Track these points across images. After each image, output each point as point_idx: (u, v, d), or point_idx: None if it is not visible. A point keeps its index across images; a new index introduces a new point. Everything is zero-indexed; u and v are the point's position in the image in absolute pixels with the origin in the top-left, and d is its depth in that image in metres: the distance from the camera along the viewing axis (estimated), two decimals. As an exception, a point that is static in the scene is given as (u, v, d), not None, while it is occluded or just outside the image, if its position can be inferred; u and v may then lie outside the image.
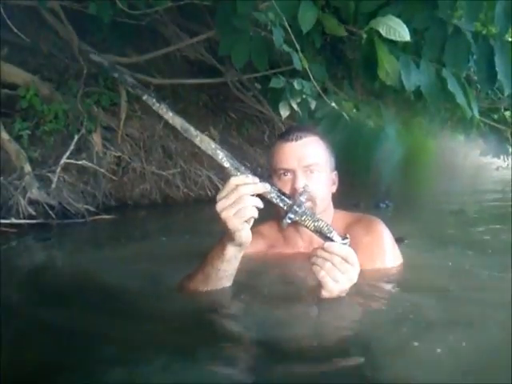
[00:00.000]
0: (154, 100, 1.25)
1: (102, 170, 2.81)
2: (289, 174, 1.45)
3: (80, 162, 2.74)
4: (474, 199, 4.70)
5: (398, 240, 1.89)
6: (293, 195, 1.44)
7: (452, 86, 2.66)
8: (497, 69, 2.59)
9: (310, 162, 1.44)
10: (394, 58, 2.66)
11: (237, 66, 3.34)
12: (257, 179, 1.11)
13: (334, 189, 1.55)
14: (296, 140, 1.46)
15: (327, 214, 1.51)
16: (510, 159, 6.58)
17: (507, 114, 6.04)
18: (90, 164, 2.78)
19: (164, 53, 4.02)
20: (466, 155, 6.82)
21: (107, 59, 3.55)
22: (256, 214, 1.10)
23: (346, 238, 1.15)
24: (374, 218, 1.53)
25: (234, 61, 3.02)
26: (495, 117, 5.35)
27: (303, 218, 1.16)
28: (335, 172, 1.56)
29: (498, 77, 2.66)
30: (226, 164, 1.17)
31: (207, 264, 1.20)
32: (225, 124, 4.45)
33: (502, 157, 6.26)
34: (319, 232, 1.15)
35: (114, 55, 3.65)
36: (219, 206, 1.08)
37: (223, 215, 1.08)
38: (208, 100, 4.55)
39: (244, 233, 1.11)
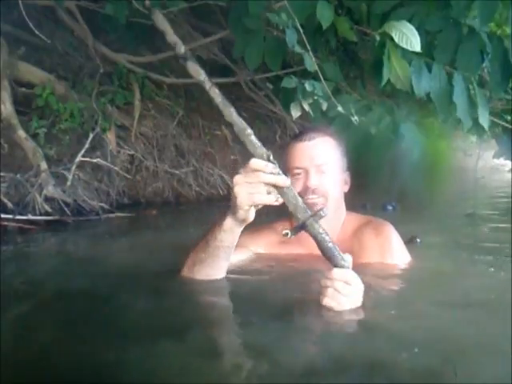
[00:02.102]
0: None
1: (116, 168, 2.86)
2: (302, 172, 1.48)
3: (95, 160, 2.79)
4: (487, 202, 4.67)
5: (411, 239, 1.91)
6: (305, 193, 1.46)
7: (457, 96, 2.64)
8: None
9: (322, 161, 1.48)
10: (406, 62, 2.67)
11: (250, 67, 3.37)
12: (277, 169, 1.08)
13: (346, 188, 1.59)
14: (309, 140, 1.50)
15: (339, 214, 1.55)
16: (522, 161, 6.52)
17: (521, 115, 6.00)
18: (104, 162, 2.83)
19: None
20: (479, 157, 6.75)
21: (120, 58, 3.60)
22: (265, 202, 1.08)
23: (346, 259, 1.12)
24: (383, 221, 1.55)
25: (248, 62, 3.04)
26: (509, 118, 5.32)
27: (318, 235, 1.09)
28: (348, 172, 1.59)
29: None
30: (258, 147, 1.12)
31: (208, 233, 1.23)
32: (237, 123, 4.45)
33: (515, 159, 6.21)
34: (327, 253, 1.11)
35: (128, 54, 3.71)
36: (236, 179, 1.10)
37: (236, 189, 1.09)
38: (220, 99, 4.55)
39: (247, 213, 1.12)
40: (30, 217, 2.39)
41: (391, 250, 1.47)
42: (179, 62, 4.33)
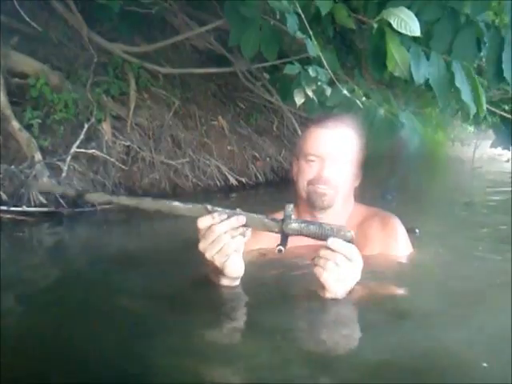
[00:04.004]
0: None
1: (112, 159, 2.83)
2: (317, 159, 1.46)
3: (90, 151, 2.76)
4: (484, 191, 4.67)
5: (410, 230, 1.90)
6: (317, 182, 1.44)
7: (459, 81, 2.62)
8: (503, 66, 2.56)
9: (340, 153, 1.46)
10: (405, 49, 2.64)
11: (246, 56, 3.33)
12: (225, 214, 1.10)
13: (356, 183, 1.57)
14: (331, 128, 1.47)
15: (347, 206, 1.54)
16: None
17: (519, 104, 5.98)
18: (99, 153, 2.80)
19: (173, 42, 4.02)
20: (476, 147, 6.75)
21: (115, 48, 3.56)
22: (241, 245, 1.11)
23: (350, 232, 1.13)
24: (389, 214, 1.55)
25: (244, 51, 3.01)
26: (506, 107, 5.30)
27: (302, 229, 1.12)
28: (361, 167, 1.57)
29: (504, 74, 2.63)
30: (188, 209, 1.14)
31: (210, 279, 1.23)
32: (233, 114, 4.44)
33: (512, 148, 6.20)
34: (323, 235, 1.11)
35: (123, 44, 3.66)
36: (201, 247, 1.11)
37: (207, 256, 1.10)
38: (217, 89, 4.53)
39: (233, 267, 1.13)
40: (25, 208, 2.37)
41: (396, 243, 1.47)
42: (175, 52, 4.31)
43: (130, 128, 3.16)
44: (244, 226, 1.11)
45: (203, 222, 1.09)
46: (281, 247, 1.12)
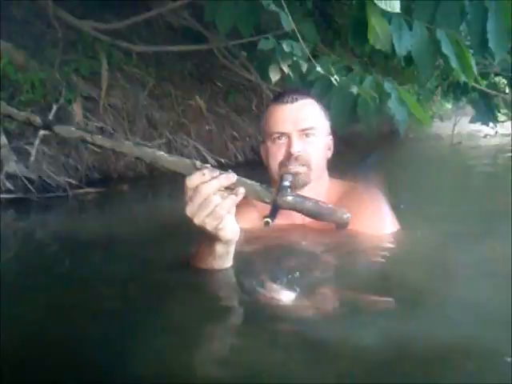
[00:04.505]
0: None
1: (83, 143, 2.69)
2: (283, 138, 1.38)
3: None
4: (463, 166, 4.66)
5: (394, 206, 1.84)
6: (287, 161, 1.37)
7: (446, 48, 2.56)
8: (488, 36, 2.50)
9: (307, 126, 1.38)
10: (386, 20, 2.56)
11: (221, 32, 3.22)
12: (216, 171, 0.97)
13: (329, 154, 1.49)
14: (291, 102, 1.39)
15: (322, 181, 1.45)
16: (498, 126, 6.54)
17: (497, 79, 5.98)
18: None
19: (146, 18, 3.86)
20: (456, 123, 6.76)
21: (84, 25, 3.39)
22: (234, 206, 0.98)
23: (347, 214, 1.06)
24: (371, 187, 1.47)
25: (219, 26, 2.90)
26: (485, 83, 5.28)
27: (296, 203, 1.02)
28: (331, 137, 1.49)
29: (489, 44, 2.57)
30: (174, 162, 1.01)
31: (198, 260, 1.10)
32: (211, 93, 4.31)
33: (490, 124, 6.23)
34: (318, 214, 1.04)
35: (93, 21, 3.50)
36: (188, 212, 0.96)
37: (196, 221, 0.96)
38: (193, 68, 4.40)
39: (228, 230, 0.99)
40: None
41: (381, 220, 1.39)
42: (148, 29, 4.15)
43: (103, 109, 3.02)
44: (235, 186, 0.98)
45: (192, 181, 0.94)
46: (269, 219, 1.03)
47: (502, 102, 4.68)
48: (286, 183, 1.03)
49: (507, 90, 5.87)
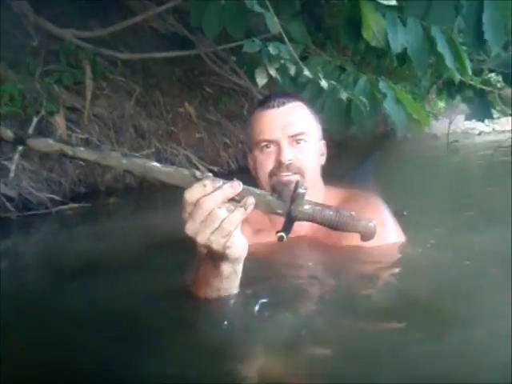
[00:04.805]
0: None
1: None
2: (272, 145, 1.27)
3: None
4: (459, 165, 4.57)
5: (397, 213, 1.72)
6: (278, 170, 1.25)
7: (441, 46, 2.47)
8: (484, 28, 2.41)
9: (297, 131, 1.27)
10: (380, 16, 2.47)
11: (209, 36, 3.12)
12: (219, 181, 0.83)
13: (322, 160, 1.37)
14: (278, 106, 1.28)
15: (317, 189, 1.33)
16: (493, 123, 6.49)
17: (492, 76, 5.90)
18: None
19: (130, 24, 3.73)
20: (451, 121, 6.68)
21: (67, 34, 3.27)
22: (237, 222, 0.83)
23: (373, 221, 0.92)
24: (371, 194, 1.36)
25: (206, 31, 2.80)
26: (479, 80, 5.21)
27: (315, 213, 0.88)
28: (323, 141, 1.38)
29: (485, 36, 2.48)
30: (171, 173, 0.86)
31: (201, 285, 0.95)
32: (201, 99, 4.19)
33: (486, 121, 6.16)
34: (340, 224, 0.89)
35: (76, 30, 3.38)
36: (190, 230, 0.82)
37: (200, 240, 0.82)
38: (182, 75, 4.28)
39: (237, 247, 0.86)
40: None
41: (385, 229, 1.26)
42: (134, 36, 4.03)
43: (88, 119, 2.90)
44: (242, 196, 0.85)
45: (193, 194, 0.81)
46: (283, 234, 0.90)
47: (498, 98, 4.58)
48: (302, 190, 0.87)
49: (498, 86, 5.80)
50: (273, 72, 2.05)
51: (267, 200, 0.87)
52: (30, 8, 3.14)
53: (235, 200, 0.83)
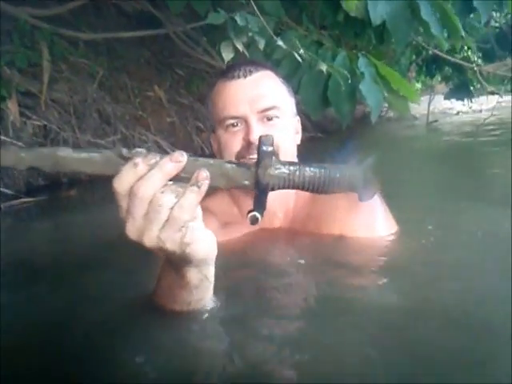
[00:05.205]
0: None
1: (20, 144, 2.33)
2: (239, 123, 1.07)
3: (-11, 136, 2.24)
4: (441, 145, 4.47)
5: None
6: (247, 152, 1.06)
7: (426, 13, 2.30)
8: (472, -5, 2.25)
9: (267, 105, 1.07)
10: (360, -17, 2.29)
11: (174, 12, 2.91)
12: (155, 155, 0.62)
13: (298, 139, 1.19)
14: (245, 76, 1.08)
15: None
16: (471, 102, 6.43)
17: (470, 53, 5.81)
18: (2, 138, 2.29)
19: (93, 3, 3.50)
20: (430, 101, 6.60)
21: (21, 12, 3.01)
22: (191, 208, 0.61)
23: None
24: None
25: (171, 6, 2.59)
26: (458, 57, 5.10)
27: (292, 175, 0.66)
28: (298, 118, 1.19)
29: (475, 3, 2.32)
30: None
31: (165, 298, 0.73)
32: (171, 82, 3.97)
33: (464, 101, 6.09)
34: (329, 183, 0.68)
35: (31, 8, 3.12)
36: (131, 232, 0.62)
37: (147, 242, 0.61)
38: (151, 56, 4.05)
39: (200, 243, 0.64)
40: None
41: (373, 217, 1.08)
42: (97, 15, 3.77)
43: (45, 105, 2.66)
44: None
45: (123, 181, 0.60)
46: (256, 213, 0.69)
47: (478, 75, 4.47)
48: (268, 148, 0.65)
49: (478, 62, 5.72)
50: (240, 46, 1.84)
51: (225, 170, 0.65)
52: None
53: (182, 179, 0.62)
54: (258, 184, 0.66)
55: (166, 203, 0.61)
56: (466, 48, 5.41)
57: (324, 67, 1.94)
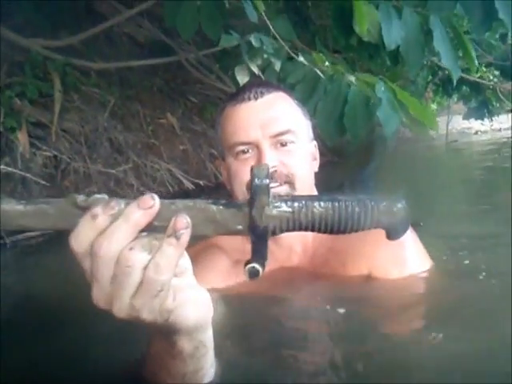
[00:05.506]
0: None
1: (29, 175, 2.27)
2: (250, 149, 0.97)
3: (-3, 168, 2.18)
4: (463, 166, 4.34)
5: (414, 225, 1.45)
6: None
7: (438, 40, 2.23)
8: (496, 5, 2.16)
9: (281, 129, 0.97)
10: (374, 6, 2.23)
11: (184, 37, 2.90)
12: (119, 202, 0.49)
13: (315, 166, 1.08)
14: (256, 98, 0.98)
15: None
16: (491, 121, 6.31)
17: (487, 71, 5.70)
18: (10, 169, 2.24)
19: (104, 33, 3.51)
20: (449, 121, 6.49)
21: (33, 44, 3.02)
22: (178, 253, 0.48)
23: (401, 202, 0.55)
24: None
25: (181, 31, 2.56)
26: (476, 75, 5.00)
27: (298, 214, 0.51)
28: (315, 142, 1.08)
29: (500, 15, 2.22)
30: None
31: (160, 368, 0.58)
32: (184, 109, 3.94)
33: (485, 119, 5.98)
34: (343, 221, 0.52)
35: (43, 39, 3.13)
36: (98, 300, 0.49)
37: (118, 313, 0.49)
38: (163, 84, 4.04)
39: (188, 308, 0.51)
40: None
41: (404, 251, 0.96)
42: (109, 45, 3.79)
43: (56, 135, 2.62)
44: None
45: (80, 238, 0.48)
46: (255, 265, 0.53)
47: (497, 92, 4.36)
48: (263, 180, 0.52)
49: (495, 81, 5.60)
50: (255, 69, 1.78)
51: (211, 213, 0.51)
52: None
53: (158, 228, 0.49)
54: (253, 228, 0.51)
55: (137, 263, 0.47)
56: (483, 66, 5.31)
57: (353, 78, 1.86)
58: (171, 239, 0.47)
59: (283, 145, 0.97)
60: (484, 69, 5.56)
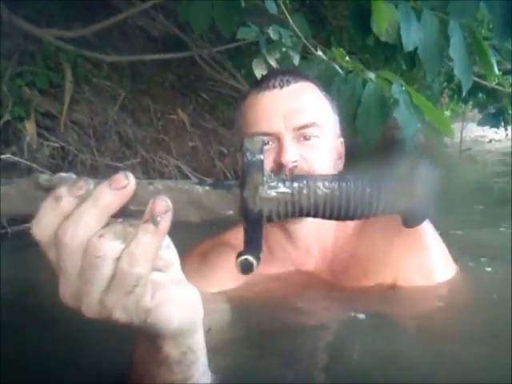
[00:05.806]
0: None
1: (34, 165, 2.24)
2: (270, 141, 0.90)
3: (3, 157, 2.15)
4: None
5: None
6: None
7: (455, 48, 2.16)
8: (522, 8, 2.09)
9: (306, 122, 0.90)
10: (393, 6, 2.18)
11: (197, 32, 2.87)
12: (87, 182, 0.42)
13: (340, 165, 1.00)
14: (281, 86, 0.91)
15: None
16: (510, 129, 6.20)
17: (506, 79, 5.60)
18: (16, 158, 2.20)
19: (118, 26, 3.49)
20: (463, 128, 6.38)
21: (46, 34, 3.00)
22: (158, 242, 0.41)
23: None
24: None
25: (194, 26, 2.52)
26: (494, 82, 4.91)
27: (299, 196, 0.44)
28: (341, 139, 1.02)
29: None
30: None
31: (146, 376, 0.51)
32: (196, 106, 3.90)
33: (500, 128, 5.87)
34: (351, 204, 0.45)
35: (56, 29, 3.11)
36: (63, 296, 0.43)
37: (86, 312, 0.42)
38: (175, 80, 4.00)
39: (171, 307, 0.44)
40: None
41: (430, 259, 0.90)
42: (123, 38, 3.76)
43: (64, 126, 2.59)
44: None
45: (43, 222, 0.41)
46: (248, 257, 0.45)
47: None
48: (255, 157, 0.44)
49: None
50: (273, 62, 1.73)
51: (196, 195, 0.43)
52: (4, 6, 2.88)
53: (134, 213, 0.42)
54: (245, 213, 0.43)
55: (109, 252, 0.40)
56: (501, 73, 5.22)
57: (372, 75, 1.81)
58: (148, 225, 0.40)
59: (307, 138, 0.91)
60: (502, 76, 5.47)
